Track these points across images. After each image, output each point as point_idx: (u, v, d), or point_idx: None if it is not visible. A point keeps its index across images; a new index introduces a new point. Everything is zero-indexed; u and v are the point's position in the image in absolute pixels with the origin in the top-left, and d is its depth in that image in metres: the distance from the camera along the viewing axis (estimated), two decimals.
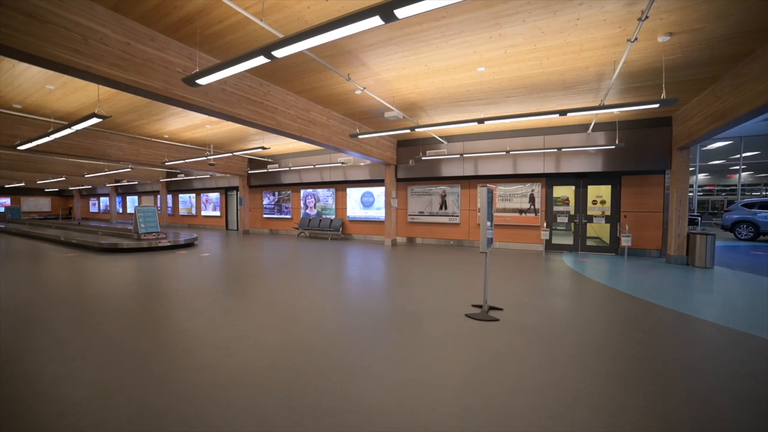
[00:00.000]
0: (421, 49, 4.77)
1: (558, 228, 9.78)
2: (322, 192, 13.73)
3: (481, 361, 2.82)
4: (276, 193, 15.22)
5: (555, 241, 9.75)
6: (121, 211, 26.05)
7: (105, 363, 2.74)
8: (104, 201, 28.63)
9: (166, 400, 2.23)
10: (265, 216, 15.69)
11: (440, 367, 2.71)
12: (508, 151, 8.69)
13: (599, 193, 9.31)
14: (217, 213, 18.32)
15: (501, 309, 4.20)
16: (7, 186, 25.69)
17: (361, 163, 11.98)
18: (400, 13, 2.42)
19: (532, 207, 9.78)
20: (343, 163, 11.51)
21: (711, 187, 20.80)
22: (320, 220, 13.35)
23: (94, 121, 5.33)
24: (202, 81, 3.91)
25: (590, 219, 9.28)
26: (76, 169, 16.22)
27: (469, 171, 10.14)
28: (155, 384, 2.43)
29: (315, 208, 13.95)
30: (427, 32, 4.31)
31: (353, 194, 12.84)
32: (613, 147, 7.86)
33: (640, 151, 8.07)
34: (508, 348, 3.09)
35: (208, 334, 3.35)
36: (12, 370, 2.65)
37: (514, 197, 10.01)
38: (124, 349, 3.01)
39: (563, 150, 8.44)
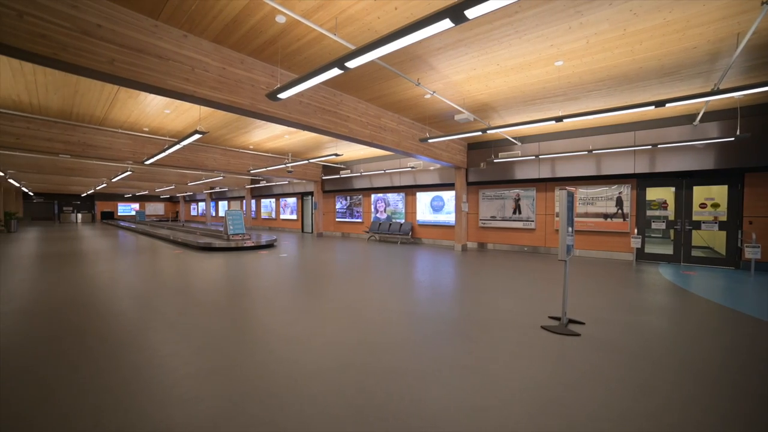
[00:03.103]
0: (493, 48, 4.60)
1: (653, 235, 8.51)
2: (392, 196, 13.98)
3: (559, 379, 2.59)
4: (348, 197, 15.92)
5: (648, 250, 8.55)
6: (214, 214, 29.82)
7: (202, 347, 3.14)
8: (201, 205, 33.12)
9: (249, 386, 2.47)
10: (337, 220, 16.51)
11: (512, 381, 2.56)
12: (590, 151, 7.87)
13: (710, 195, 7.90)
14: (294, 216, 19.82)
15: (582, 323, 3.81)
16: (136, 194, 31.77)
17: (431, 168, 11.92)
18: (471, 13, 2.37)
19: (620, 211, 8.70)
20: (412, 167, 11.59)
21: None
22: (390, 224, 13.57)
23: (197, 137, 6.22)
24: (283, 95, 4.29)
25: (697, 225, 7.90)
26: (181, 179, 19.03)
27: (545, 173, 9.43)
28: (240, 371, 2.71)
29: (385, 212, 14.26)
30: (498, 30, 4.15)
31: (423, 198, 12.84)
32: (733, 139, 6.48)
33: None
34: (591, 367, 2.78)
35: (285, 330, 3.63)
36: (142, 343, 3.22)
37: (598, 201, 9.02)
38: (216, 336, 3.42)
39: (659, 146, 7.37)
